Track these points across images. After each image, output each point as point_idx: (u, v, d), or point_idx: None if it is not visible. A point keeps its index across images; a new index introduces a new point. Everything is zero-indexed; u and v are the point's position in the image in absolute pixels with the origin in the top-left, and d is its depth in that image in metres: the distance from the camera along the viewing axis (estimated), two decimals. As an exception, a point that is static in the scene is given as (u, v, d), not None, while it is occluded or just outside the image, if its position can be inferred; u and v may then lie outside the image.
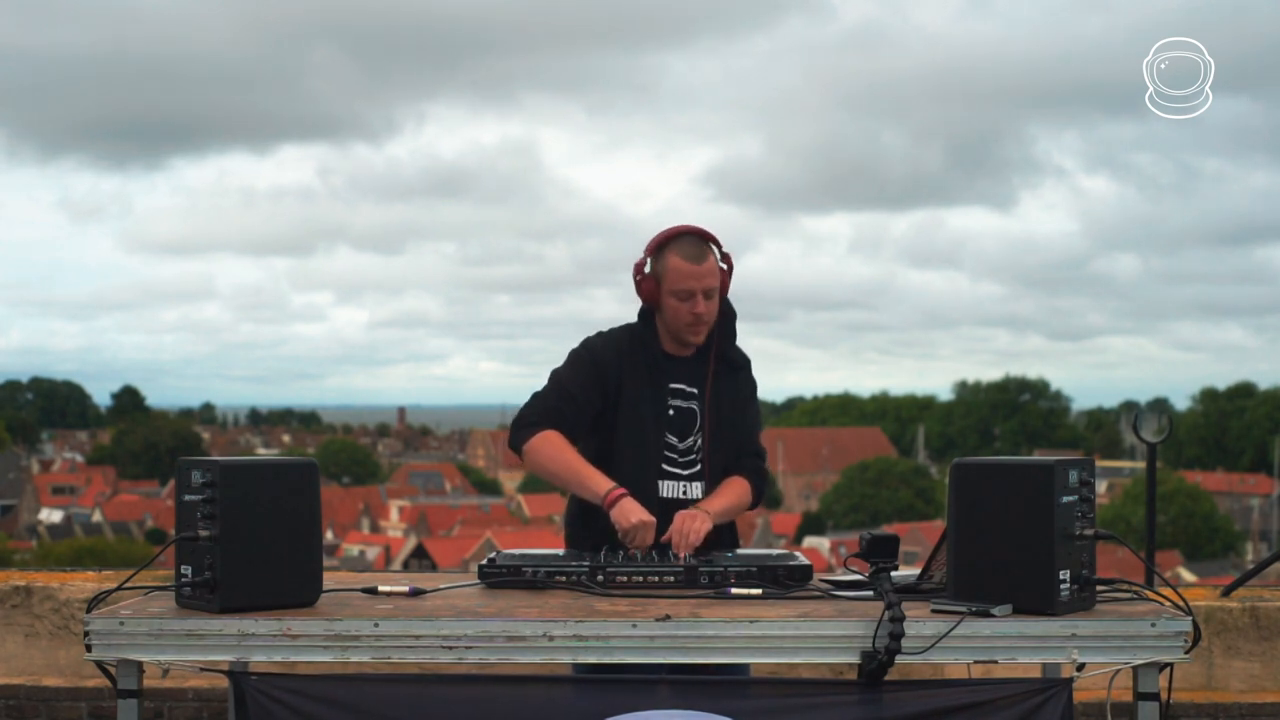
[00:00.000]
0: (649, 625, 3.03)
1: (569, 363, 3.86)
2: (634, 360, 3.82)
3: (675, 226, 3.82)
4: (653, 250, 3.81)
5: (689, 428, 3.83)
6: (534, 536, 45.10)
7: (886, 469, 72.77)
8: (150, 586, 3.50)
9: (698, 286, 3.74)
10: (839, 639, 3.04)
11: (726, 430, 3.84)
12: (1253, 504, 68.34)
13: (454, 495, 73.04)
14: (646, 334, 3.86)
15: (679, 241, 3.78)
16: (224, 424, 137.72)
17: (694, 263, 3.74)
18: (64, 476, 77.84)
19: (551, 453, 3.75)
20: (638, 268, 3.83)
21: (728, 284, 3.84)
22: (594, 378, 3.80)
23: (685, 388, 3.85)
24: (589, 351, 3.85)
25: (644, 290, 3.82)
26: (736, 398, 3.91)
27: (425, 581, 3.45)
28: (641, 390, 3.80)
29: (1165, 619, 3.03)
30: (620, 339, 3.87)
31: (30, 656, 5.12)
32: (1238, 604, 4.94)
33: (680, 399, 3.84)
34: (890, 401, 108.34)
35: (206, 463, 3.12)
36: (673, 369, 3.85)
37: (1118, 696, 3.23)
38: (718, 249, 3.82)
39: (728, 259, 3.83)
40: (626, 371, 3.81)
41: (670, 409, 3.82)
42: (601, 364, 3.81)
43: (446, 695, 3.12)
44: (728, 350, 3.89)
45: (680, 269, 3.74)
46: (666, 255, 3.78)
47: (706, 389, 3.84)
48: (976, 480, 3.12)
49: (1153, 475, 4.69)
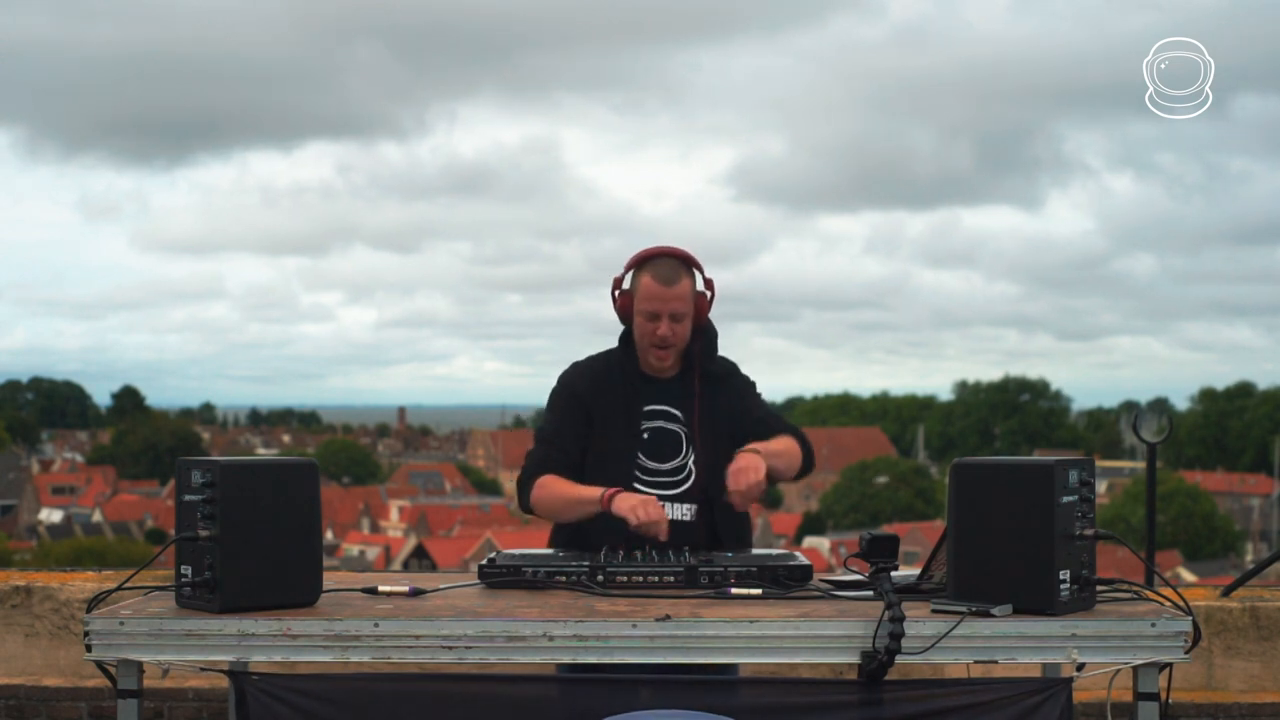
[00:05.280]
0: (649, 625, 3.02)
1: (546, 408, 3.87)
2: (607, 385, 3.80)
3: (658, 246, 3.80)
4: (631, 267, 3.80)
5: (670, 450, 3.78)
6: (534, 536, 44.87)
7: (886, 469, 72.77)
8: (150, 586, 3.50)
9: (664, 309, 3.71)
10: (839, 639, 3.04)
11: (725, 446, 3.76)
12: (1253, 504, 68.34)
13: (454, 495, 73.09)
14: (624, 357, 3.84)
15: (655, 262, 3.75)
16: (224, 424, 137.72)
17: (664, 285, 3.72)
18: (64, 476, 77.80)
19: (549, 493, 3.74)
20: (616, 283, 3.82)
21: (707, 307, 3.80)
22: (569, 412, 3.80)
23: (667, 408, 3.80)
24: (561, 387, 3.86)
25: (619, 306, 3.82)
26: (734, 407, 3.84)
27: (425, 581, 3.45)
28: (613, 415, 3.78)
29: (1165, 619, 3.02)
30: (593, 366, 3.87)
31: (30, 656, 5.12)
32: (1238, 604, 4.94)
33: (660, 420, 3.80)
34: (890, 401, 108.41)
35: (206, 463, 3.12)
36: (651, 391, 3.81)
37: (1118, 696, 3.23)
38: (699, 273, 3.79)
39: (710, 284, 3.81)
40: (598, 398, 3.79)
41: (645, 432, 3.78)
42: (575, 395, 3.81)
43: (446, 695, 3.12)
44: (707, 366, 3.83)
45: (649, 290, 3.72)
46: (641, 274, 3.76)
47: (695, 410, 3.79)
48: (976, 480, 3.12)
49: (1153, 475, 4.70)
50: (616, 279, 3.82)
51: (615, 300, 3.82)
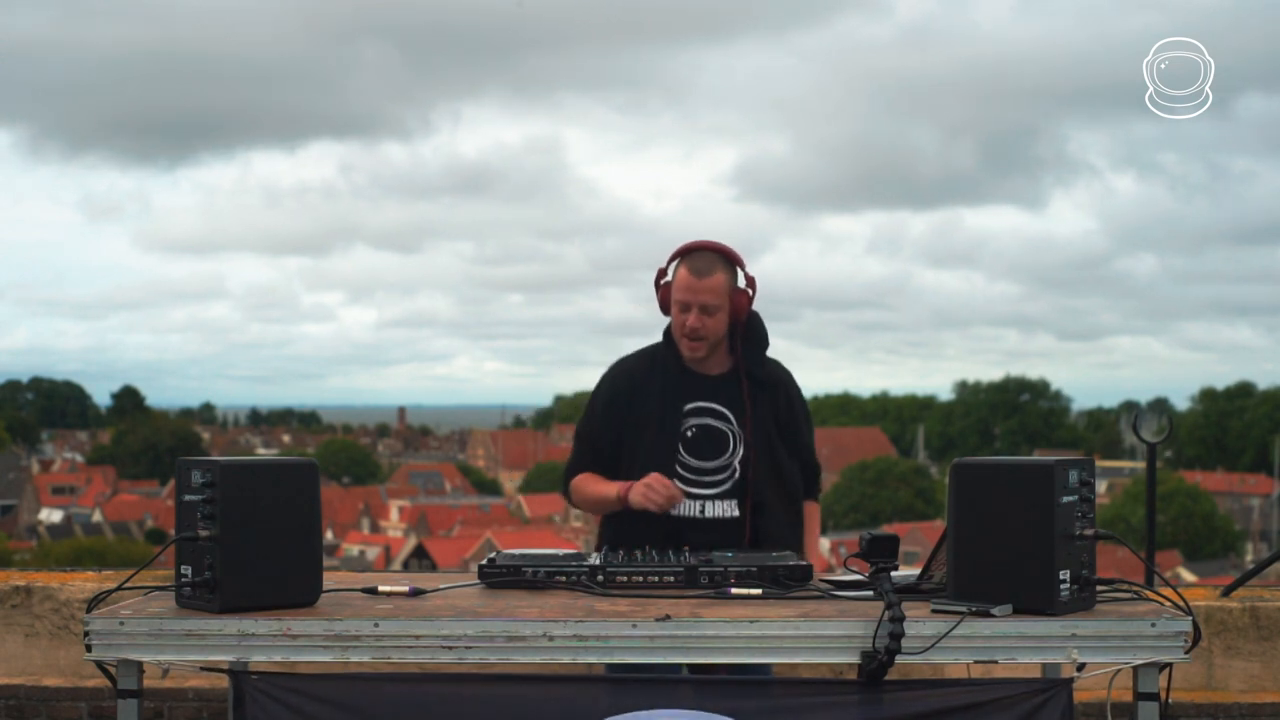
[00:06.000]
0: (649, 625, 3.02)
1: (588, 403, 3.97)
2: (647, 382, 3.86)
3: (703, 240, 3.85)
4: (673, 259, 3.86)
5: (717, 448, 3.82)
6: (534, 536, 45.13)
7: (886, 469, 72.75)
8: (150, 586, 3.50)
9: (694, 300, 3.76)
10: (839, 639, 3.04)
11: (772, 450, 3.84)
12: (1253, 504, 68.34)
13: (454, 495, 73.05)
14: (667, 353, 3.89)
15: (694, 254, 3.82)
16: (224, 424, 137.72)
17: (696, 276, 3.77)
18: (64, 476, 77.80)
19: (582, 491, 3.92)
20: (659, 274, 3.89)
21: (747, 304, 3.83)
22: (606, 412, 3.88)
23: (714, 406, 3.84)
24: (601, 385, 3.95)
25: (661, 298, 3.88)
26: (789, 418, 3.90)
27: (425, 581, 3.45)
28: (651, 412, 3.83)
29: (1165, 619, 3.02)
30: (635, 364, 3.93)
31: (30, 656, 5.12)
32: (1238, 604, 4.93)
33: (707, 418, 3.83)
34: (890, 401, 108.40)
35: (206, 463, 3.12)
36: (697, 387, 3.85)
37: (1118, 696, 3.23)
38: (740, 270, 3.83)
39: (751, 281, 3.84)
40: (638, 394, 3.85)
41: (689, 429, 3.82)
42: (616, 394, 3.88)
43: (446, 695, 3.12)
44: (754, 369, 3.86)
45: (683, 280, 3.80)
46: (680, 265, 3.83)
47: (746, 411, 3.83)
48: (976, 480, 3.12)
49: (1153, 475, 4.70)
50: (660, 270, 3.88)
51: (659, 291, 3.88)
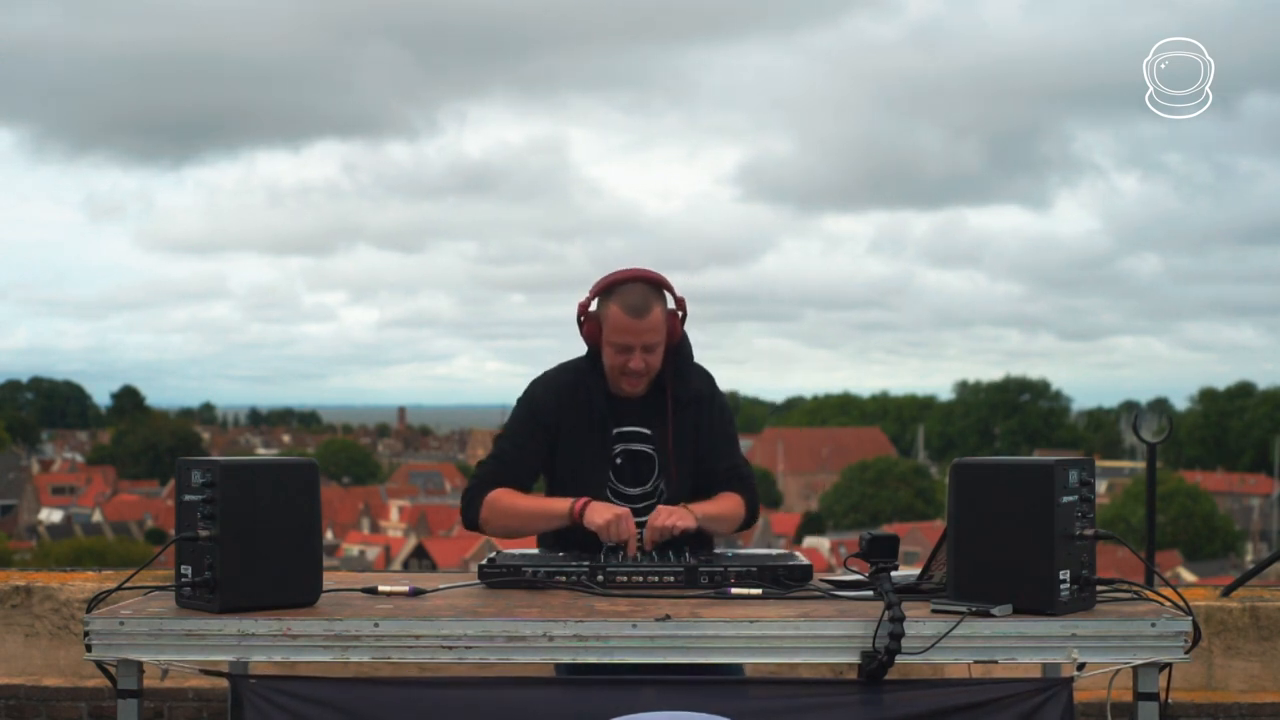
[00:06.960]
0: (649, 625, 3.02)
1: (509, 419, 3.78)
2: (574, 403, 3.71)
3: (626, 271, 3.67)
4: (597, 293, 3.68)
5: (643, 473, 3.74)
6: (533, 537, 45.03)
7: (886, 469, 72.77)
8: (150, 586, 3.49)
9: (635, 342, 3.61)
10: (839, 639, 3.04)
11: (693, 469, 3.74)
12: (1253, 504, 68.36)
13: (454, 495, 72.91)
14: (592, 375, 3.73)
15: (624, 290, 3.63)
16: (224, 424, 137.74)
17: (634, 317, 3.60)
18: (64, 476, 77.82)
19: (503, 509, 3.67)
20: (581, 307, 3.70)
21: (679, 328, 3.70)
22: (531, 431, 3.71)
23: (638, 429, 3.73)
24: (527, 399, 3.75)
25: (586, 332, 3.70)
26: (710, 430, 3.77)
27: (425, 581, 3.45)
28: (580, 435, 3.70)
29: (1165, 619, 3.02)
30: (562, 380, 3.75)
31: (30, 656, 5.12)
32: (1238, 604, 4.93)
33: (633, 442, 3.73)
34: (890, 401, 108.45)
35: (206, 463, 3.11)
36: (622, 411, 3.72)
37: (1118, 696, 3.23)
38: (670, 295, 3.69)
39: (681, 303, 3.70)
40: (565, 415, 3.70)
41: (617, 456, 3.72)
42: (538, 410, 3.71)
43: (443, 699, 3.12)
44: (680, 390, 3.73)
45: (619, 322, 3.61)
46: (609, 302, 3.64)
47: (668, 433, 3.72)
48: (976, 480, 3.12)
49: (1153, 475, 4.70)
50: (582, 304, 3.70)
51: (581, 326, 3.71)
